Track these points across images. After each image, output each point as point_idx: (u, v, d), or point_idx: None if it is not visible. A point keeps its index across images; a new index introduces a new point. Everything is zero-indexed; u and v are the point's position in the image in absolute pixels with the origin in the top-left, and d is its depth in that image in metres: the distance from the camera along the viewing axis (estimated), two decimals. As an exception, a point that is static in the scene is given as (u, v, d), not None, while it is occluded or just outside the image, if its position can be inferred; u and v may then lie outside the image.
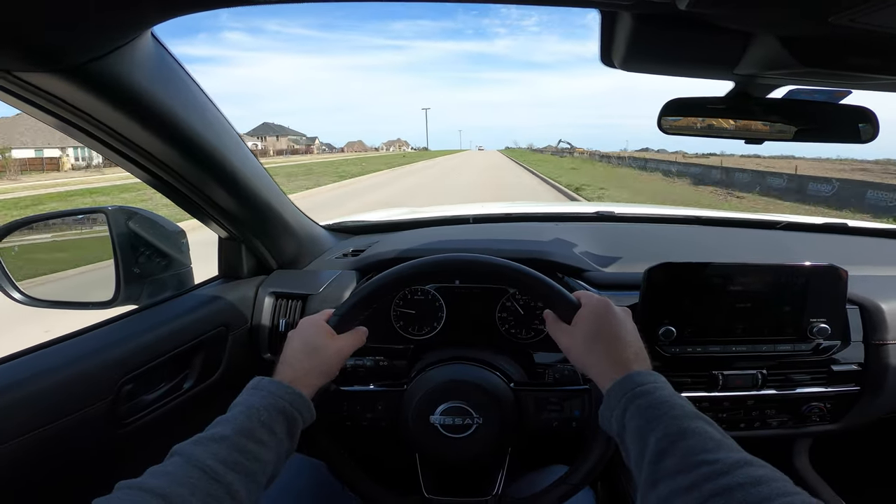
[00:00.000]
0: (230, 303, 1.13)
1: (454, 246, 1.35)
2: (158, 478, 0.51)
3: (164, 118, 0.77)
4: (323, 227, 1.52)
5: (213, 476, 0.52)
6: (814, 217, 1.71)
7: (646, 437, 0.54)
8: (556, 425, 0.81)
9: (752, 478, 0.46)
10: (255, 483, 0.56)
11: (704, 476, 0.47)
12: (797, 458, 1.34)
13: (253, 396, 0.63)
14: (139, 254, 1.03)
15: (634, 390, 0.59)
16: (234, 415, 0.60)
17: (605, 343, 0.66)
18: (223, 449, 0.55)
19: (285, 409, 0.63)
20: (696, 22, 0.58)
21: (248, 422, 0.59)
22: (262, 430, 0.59)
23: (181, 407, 0.98)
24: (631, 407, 0.58)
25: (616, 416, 0.59)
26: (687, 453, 0.50)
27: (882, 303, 1.11)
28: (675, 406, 0.56)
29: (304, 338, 0.73)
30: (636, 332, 0.69)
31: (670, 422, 0.54)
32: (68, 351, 0.83)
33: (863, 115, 0.79)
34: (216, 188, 0.96)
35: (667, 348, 1.05)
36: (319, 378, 0.70)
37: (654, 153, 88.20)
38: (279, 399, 0.63)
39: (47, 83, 0.62)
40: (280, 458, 0.61)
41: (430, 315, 1.19)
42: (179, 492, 0.49)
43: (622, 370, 0.62)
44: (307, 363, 0.69)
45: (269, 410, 0.61)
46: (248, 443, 0.57)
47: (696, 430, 0.52)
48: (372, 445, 1.00)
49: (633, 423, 0.56)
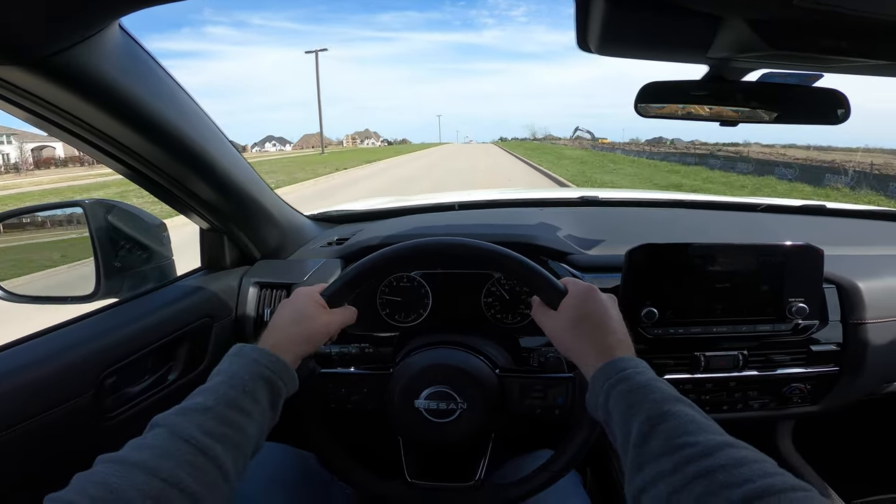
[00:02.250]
0: (214, 293, 1.12)
1: (439, 231, 1.35)
2: (142, 451, 0.49)
3: (136, 110, 0.76)
4: (307, 216, 1.51)
5: (200, 448, 0.51)
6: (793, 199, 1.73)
7: (629, 422, 0.55)
8: (538, 412, 0.82)
9: (734, 459, 0.47)
10: (241, 455, 0.55)
11: (687, 458, 0.48)
12: (780, 441, 1.37)
13: (234, 364, 0.62)
14: (119, 247, 1.02)
15: (617, 375, 0.59)
16: (216, 384, 0.59)
17: (590, 329, 0.67)
18: (208, 420, 0.54)
19: (269, 378, 0.61)
20: (667, 5, 0.59)
21: (231, 391, 0.58)
22: (246, 400, 0.58)
23: (167, 399, 0.97)
24: (613, 392, 0.58)
25: (601, 402, 0.60)
26: (669, 436, 0.51)
27: (859, 282, 1.13)
28: (655, 390, 0.56)
29: (294, 305, 0.73)
30: (621, 319, 0.69)
31: (651, 405, 0.54)
32: (47, 345, 0.82)
33: (834, 97, 0.80)
34: (195, 179, 0.95)
35: (649, 330, 1.06)
36: (303, 346, 0.69)
37: (669, 144, 76.38)
38: (262, 367, 0.62)
39: (13, 76, 0.61)
40: (263, 429, 0.60)
41: (415, 302, 1.19)
42: (166, 465, 0.48)
43: (606, 356, 0.63)
44: (293, 329, 0.69)
45: (254, 378, 0.60)
46: (233, 413, 0.56)
47: (677, 413, 0.53)
48: (356, 429, 1.01)
49: (617, 409, 0.57)
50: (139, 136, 0.81)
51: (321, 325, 0.72)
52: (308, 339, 0.70)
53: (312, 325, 0.71)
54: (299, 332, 0.69)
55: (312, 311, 0.72)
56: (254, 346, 0.65)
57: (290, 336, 0.68)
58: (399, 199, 1.92)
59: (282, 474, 0.89)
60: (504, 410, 0.82)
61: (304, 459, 0.93)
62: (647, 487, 0.50)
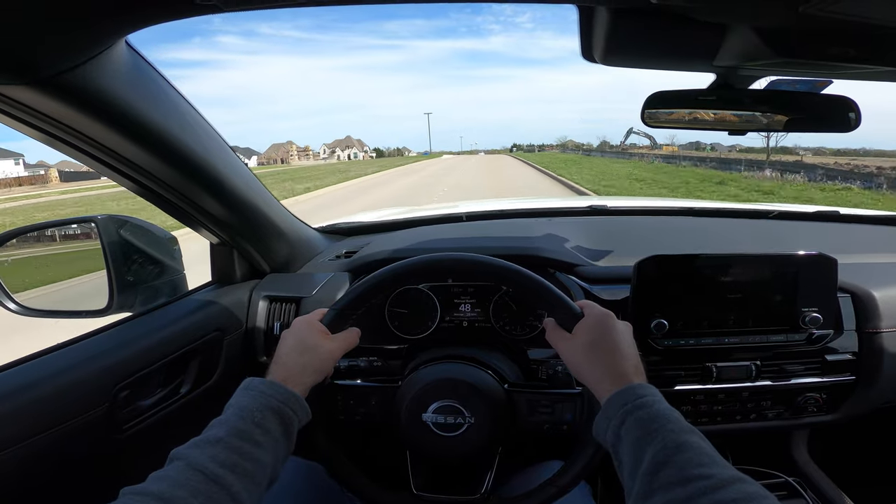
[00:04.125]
0: (224, 307, 1.13)
1: (448, 245, 1.35)
2: (159, 482, 0.52)
3: (144, 126, 0.77)
4: (315, 229, 1.52)
5: (213, 478, 0.53)
6: (806, 206, 1.71)
7: (643, 449, 0.55)
8: (546, 428, 0.81)
9: (745, 494, 0.47)
10: (254, 484, 0.57)
11: (700, 490, 0.48)
12: (795, 450, 1.34)
13: (244, 397, 0.64)
14: (131, 261, 1.03)
15: (634, 402, 0.59)
16: (227, 417, 0.61)
17: (606, 354, 0.67)
18: (220, 451, 0.56)
19: (278, 409, 0.63)
20: (670, 15, 0.59)
21: (241, 423, 0.60)
22: (256, 431, 0.60)
23: (179, 411, 0.98)
24: (629, 419, 0.58)
25: (613, 426, 0.60)
26: (683, 466, 0.51)
27: (874, 290, 1.11)
28: (671, 420, 0.57)
29: (297, 336, 0.73)
30: (635, 346, 0.69)
31: (668, 434, 0.55)
32: (62, 359, 0.83)
33: (844, 104, 0.79)
34: (203, 194, 0.96)
35: (659, 341, 1.05)
36: (312, 376, 0.70)
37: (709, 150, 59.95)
38: (271, 398, 0.63)
39: (22, 95, 0.62)
40: (278, 458, 0.62)
41: (424, 314, 1.19)
42: (180, 494, 0.50)
43: (622, 382, 0.63)
44: (300, 361, 0.70)
45: (262, 410, 0.62)
46: (243, 444, 0.58)
47: (692, 445, 0.54)
48: (364, 441, 1.00)
49: (631, 435, 0.57)
50: (146, 152, 0.82)
51: (326, 352, 0.73)
52: (315, 370, 0.71)
53: (318, 354, 0.72)
54: (307, 364, 0.70)
55: (315, 341, 0.73)
56: (263, 379, 0.67)
57: (298, 368, 0.69)
58: (407, 210, 1.92)
59: (290, 484, 0.89)
60: (512, 425, 0.81)
61: (311, 470, 0.93)
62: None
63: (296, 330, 0.75)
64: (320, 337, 0.74)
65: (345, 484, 0.79)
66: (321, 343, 0.73)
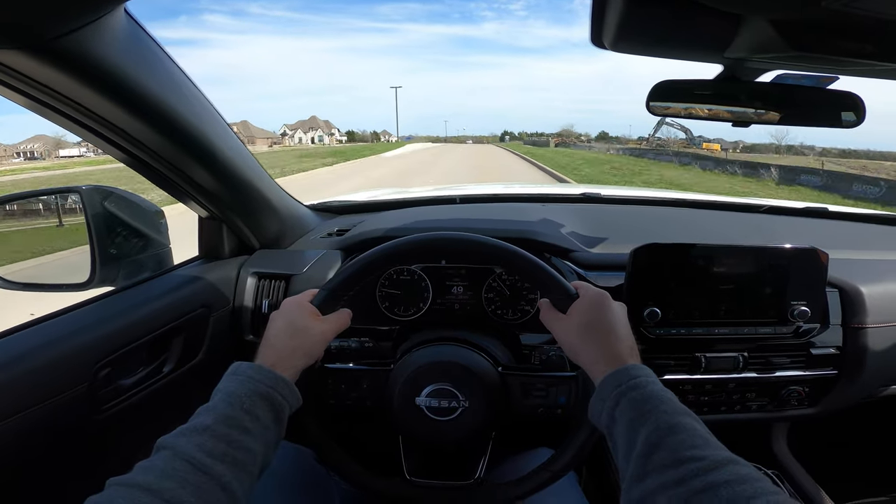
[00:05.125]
0: (211, 283, 1.11)
1: (441, 225, 1.33)
2: (147, 473, 0.50)
3: (138, 96, 0.74)
4: (307, 206, 1.49)
5: (201, 468, 0.51)
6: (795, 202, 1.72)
7: (636, 430, 0.55)
8: (541, 411, 0.81)
9: (738, 476, 0.47)
10: (246, 473, 0.55)
11: (693, 472, 0.48)
12: (775, 443, 1.38)
13: (232, 382, 0.61)
14: (115, 234, 1.00)
15: (628, 383, 0.59)
16: (215, 403, 0.59)
17: (601, 335, 0.66)
18: (207, 439, 0.54)
19: (268, 394, 0.61)
20: (686, 3, 0.57)
21: (229, 409, 0.58)
22: (245, 417, 0.58)
23: (162, 391, 0.96)
24: (623, 400, 0.58)
25: (607, 407, 0.59)
26: (676, 448, 0.51)
27: (861, 286, 1.13)
28: (665, 401, 0.57)
29: (287, 318, 0.71)
30: (629, 327, 0.69)
31: (661, 416, 0.54)
32: (41, 335, 0.80)
33: (851, 100, 0.79)
34: (195, 166, 0.93)
35: (651, 330, 1.05)
36: (302, 360, 0.68)
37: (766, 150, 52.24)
38: (260, 384, 0.61)
39: (14, 60, 0.59)
40: (269, 446, 0.60)
41: (415, 295, 1.18)
42: (168, 486, 0.48)
43: (616, 363, 0.62)
44: (290, 344, 0.68)
45: (251, 396, 0.60)
46: (232, 431, 0.56)
47: (686, 426, 0.53)
48: (355, 426, 1.00)
49: (625, 417, 0.57)
50: (140, 123, 0.79)
51: (317, 334, 0.71)
52: (306, 353, 0.69)
53: (308, 336, 0.70)
54: (297, 347, 0.68)
55: (306, 322, 0.71)
56: (251, 363, 0.64)
57: (288, 350, 0.67)
58: (401, 191, 1.90)
59: (279, 470, 0.88)
60: (506, 409, 0.81)
61: (301, 455, 0.92)
62: (647, 498, 0.50)
63: (285, 311, 0.72)
64: (311, 319, 0.71)
65: (335, 470, 0.78)
66: (312, 325, 0.71)
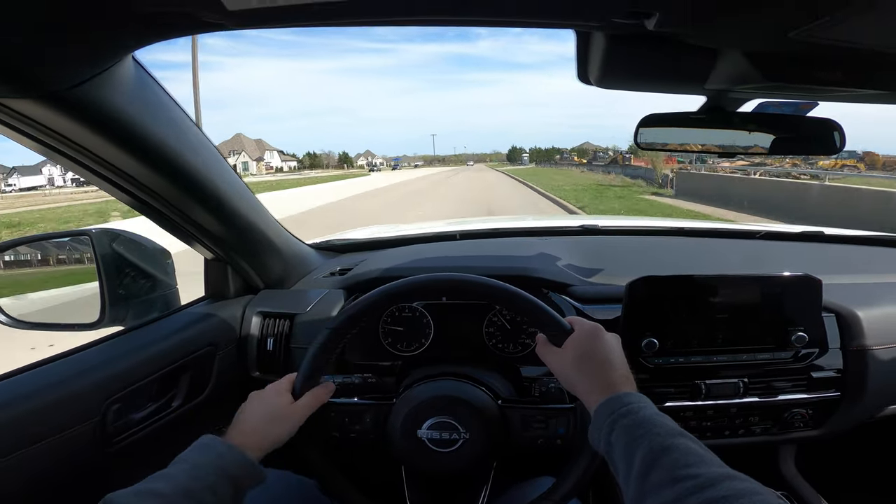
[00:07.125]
0: (217, 323, 1.12)
1: (442, 264, 1.36)
2: None
3: (145, 141, 0.77)
4: (309, 245, 1.52)
5: None
6: (791, 226, 1.75)
7: (632, 454, 0.55)
8: (540, 442, 0.82)
9: (735, 490, 0.47)
10: None
11: (689, 490, 0.49)
12: (783, 465, 1.35)
13: (202, 455, 0.63)
14: (124, 275, 1.02)
15: (620, 410, 0.60)
16: (177, 472, 0.60)
17: (595, 366, 0.68)
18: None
19: (233, 475, 0.63)
20: (665, 41, 0.61)
21: (191, 482, 0.59)
22: (205, 493, 0.59)
23: (170, 425, 0.97)
24: (617, 426, 0.59)
25: (604, 434, 0.60)
26: (671, 467, 0.52)
27: (857, 310, 1.13)
28: (657, 424, 0.58)
29: (266, 405, 0.74)
30: (623, 357, 0.71)
31: (654, 438, 0.55)
32: (53, 373, 0.82)
33: (829, 126, 0.82)
34: (199, 210, 0.96)
35: (650, 360, 1.06)
36: (273, 444, 0.71)
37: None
38: (229, 463, 0.63)
39: (28, 109, 0.62)
40: None
41: (417, 331, 1.19)
42: None
43: (609, 391, 0.64)
44: (264, 429, 0.71)
45: (218, 473, 0.61)
46: (187, 503, 0.57)
47: (679, 446, 0.54)
48: (358, 459, 0.99)
49: (620, 442, 0.58)
50: (145, 167, 0.82)
51: (293, 425, 0.74)
52: (277, 439, 0.72)
53: (283, 425, 0.73)
54: (268, 432, 0.71)
55: (284, 412, 0.74)
56: (222, 440, 0.66)
57: (259, 435, 0.70)
58: (401, 228, 1.93)
59: (283, 500, 0.88)
60: (507, 440, 0.81)
61: (304, 486, 0.92)
62: None
63: (265, 397, 0.75)
64: (288, 407, 0.75)
65: (339, 500, 0.78)
66: (288, 413, 0.74)
